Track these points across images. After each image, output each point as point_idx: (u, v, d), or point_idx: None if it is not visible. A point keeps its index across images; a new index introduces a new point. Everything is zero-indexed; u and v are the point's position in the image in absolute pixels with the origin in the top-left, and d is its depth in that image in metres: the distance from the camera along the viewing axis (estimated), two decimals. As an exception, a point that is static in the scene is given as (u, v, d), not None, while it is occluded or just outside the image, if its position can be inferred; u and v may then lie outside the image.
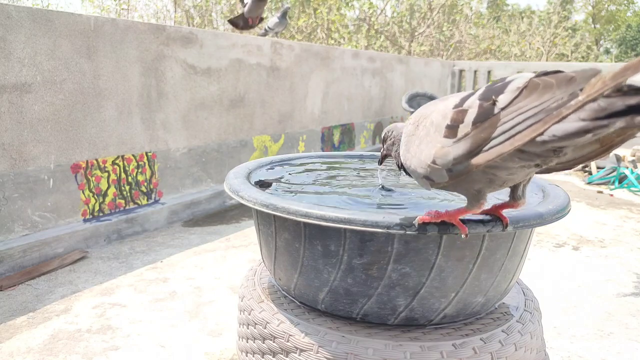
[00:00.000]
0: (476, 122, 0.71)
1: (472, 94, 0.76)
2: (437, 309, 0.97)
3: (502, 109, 0.68)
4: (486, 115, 0.70)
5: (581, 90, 0.61)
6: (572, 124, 0.60)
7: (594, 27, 20.47)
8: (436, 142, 0.77)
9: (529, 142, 0.64)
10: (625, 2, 20.25)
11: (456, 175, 0.75)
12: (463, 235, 0.85)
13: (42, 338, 1.62)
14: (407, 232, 0.85)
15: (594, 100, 0.59)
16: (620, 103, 0.57)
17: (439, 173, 0.77)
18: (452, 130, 0.74)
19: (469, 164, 0.72)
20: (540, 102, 0.64)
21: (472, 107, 0.73)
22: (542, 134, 0.63)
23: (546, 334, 1.66)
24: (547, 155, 0.67)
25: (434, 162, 0.77)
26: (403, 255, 0.91)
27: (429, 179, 0.81)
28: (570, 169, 0.73)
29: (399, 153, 1.24)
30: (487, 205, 0.86)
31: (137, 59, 2.64)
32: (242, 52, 3.38)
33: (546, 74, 0.69)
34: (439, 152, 0.76)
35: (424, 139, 0.81)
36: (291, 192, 1.18)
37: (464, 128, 0.73)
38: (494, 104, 0.69)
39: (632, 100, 0.57)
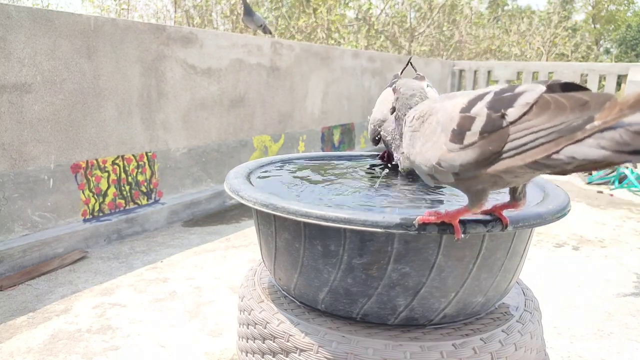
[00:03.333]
0: (483, 132, 0.71)
1: (480, 97, 0.75)
2: (437, 309, 0.97)
3: (511, 123, 0.68)
4: (494, 127, 0.70)
5: (596, 115, 0.61)
6: (592, 150, 0.60)
7: (594, 27, 20.47)
8: (442, 144, 0.77)
9: (544, 158, 0.64)
10: (625, 2, 20.25)
11: (462, 178, 0.76)
12: (456, 239, 0.85)
13: (42, 338, 1.62)
14: (407, 232, 0.85)
15: (611, 128, 0.59)
16: None
17: (444, 175, 0.78)
18: (458, 135, 0.74)
19: (476, 171, 0.72)
20: (552, 124, 0.64)
21: (480, 115, 0.72)
22: (557, 152, 0.63)
23: (546, 334, 1.66)
24: (560, 167, 0.67)
25: (439, 164, 0.77)
26: (403, 255, 0.91)
27: (434, 178, 0.81)
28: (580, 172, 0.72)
29: (399, 145, 1.25)
30: (488, 205, 0.86)
31: (137, 59, 2.64)
32: (242, 52, 3.38)
33: (551, 87, 0.69)
34: (445, 155, 0.76)
35: (430, 138, 0.81)
36: (291, 191, 1.18)
37: (471, 136, 0.72)
38: (503, 116, 0.69)
39: None
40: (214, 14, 10.44)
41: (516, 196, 0.85)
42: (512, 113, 0.69)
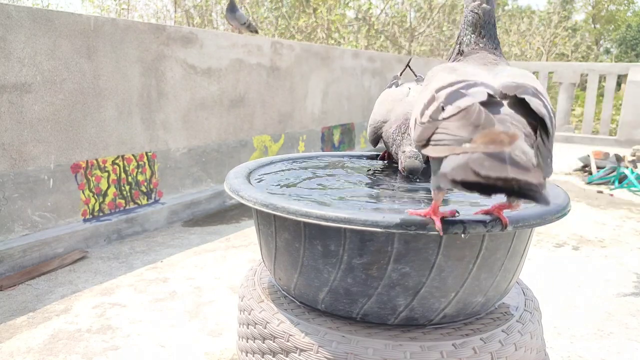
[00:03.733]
0: (430, 118, 0.74)
1: (456, 84, 0.76)
2: (437, 309, 0.97)
3: (444, 119, 0.71)
4: (435, 117, 0.73)
5: (473, 138, 0.63)
6: (447, 165, 0.63)
7: (594, 27, 20.47)
8: (417, 112, 0.80)
9: (443, 158, 0.67)
10: (625, 2, 20.25)
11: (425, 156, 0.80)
12: (438, 231, 0.83)
13: (42, 338, 1.62)
14: (407, 232, 0.85)
15: (457, 154, 0.62)
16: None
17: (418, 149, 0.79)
18: (422, 112, 0.77)
19: (420, 149, 0.75)
20: (457, 133, 0.68)
21: (438, 100, 0.75)
22: (446, 157, 0.66)
23: (546, 334, 1.66)
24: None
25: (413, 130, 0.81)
26: (403, 255, 0.91)
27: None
28: None
29: (399, 145, 1.25)
30: (488, 205, 0.87)
31: (137, 59, 2.64)
32: (242, 52, 3.38)
33: (487, 103, 0.72)
34: (413, 123, 0.80)
35: (418, 103, 0.84)
36: (291, 191, 1.18)
37: (425, 116, 0.75)
38: (442, 110, 0.73)
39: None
40: (214, 14, 10.44)
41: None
42: (447, 110, 0.72)
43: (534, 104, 0.72)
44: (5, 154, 2.11)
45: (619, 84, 10.76)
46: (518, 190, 0.58)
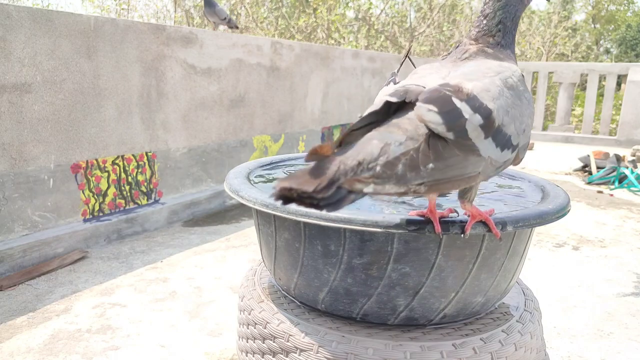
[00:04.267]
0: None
1: (391, 92, 0.77)
2: (437, 309, 0.97)
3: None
4: None
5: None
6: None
7: (594, 27, 20.46)
8: None
9: None
10: (625, 2, 20.24)
11: None
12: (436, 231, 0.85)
13: (42, 338, 1.62)
14: (407, 232, 0.85)
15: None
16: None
17: None
18: None
19: None
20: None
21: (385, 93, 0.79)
22: None
23: (546, 334, 1.66)
24: None
25: None
26: (403, 255, 0.91)
27: None
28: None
29: None
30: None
31: (137, 59, 2.64)
32: (242, 52, 3.38)
33: (370, 115, 0.74)
34: None
35: None
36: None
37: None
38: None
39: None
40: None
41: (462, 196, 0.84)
42: (367, 110, 0.78)
43: (421, 110, 0.70)
44: (5, 154, 2.11)
45: (619, 84, 10.76)
46: (298, 198, 0.59)
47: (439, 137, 0.68)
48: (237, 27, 4.04)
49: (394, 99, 0.74)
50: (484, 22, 0.90)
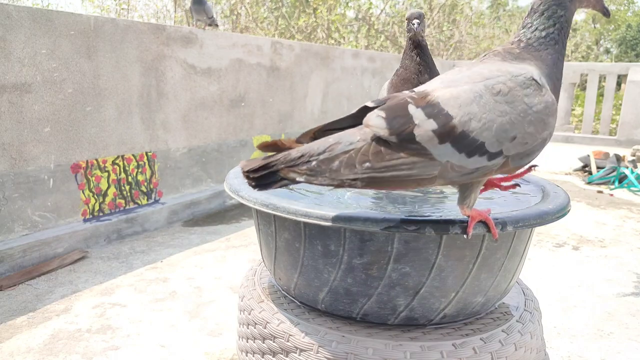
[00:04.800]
0: None
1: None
2: (437, 309, 0.97)
3: None
4: None
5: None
6: None
7: (594, 27, 20.46)
8: None
9: None
10: (625, 2, 20.24)
11: None
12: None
13: (42, 338, 1.62)
14: (407, 232, 0.85)
15: None
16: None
17: None
18: None
19: None
20: None
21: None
22: None
23: (546, 334, 1.66)
24: None
25: None
26: (403, 255, 0.91)
27: None
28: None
29: None
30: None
31: (137, 59, 2.64)
32: (242, 52, 3.38)
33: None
34: None
35: None
36: (291, 191, 1.18)
37: None
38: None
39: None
40: (213, 14, 10.43)
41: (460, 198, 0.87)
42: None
43: (370, 116, 0.79)
44: (5, 154, 2.11)
45: (619, 84, 10.75)
46: (244, 176, 0.77)
47: (384, 141, 0.76)
48: (217, 26, 3.89)
49: (371, 104, 0.82)
50: (527, 19, 0.89)
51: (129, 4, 9.70)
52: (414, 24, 1.27)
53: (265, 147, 0.79)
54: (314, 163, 0.74)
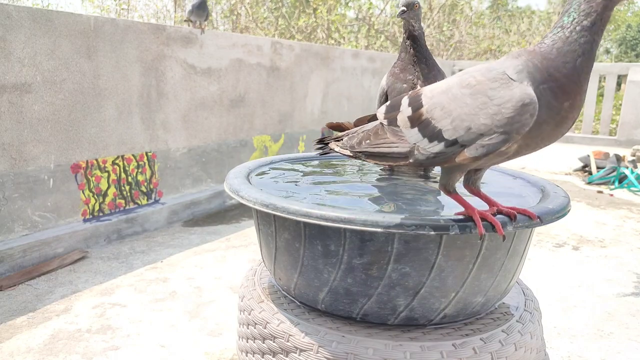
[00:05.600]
0: None
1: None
2: (437, 309, 0.97)
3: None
4: None
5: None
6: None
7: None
8: None
9: None
10: (625, 2, 20.22)
11: None
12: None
13: (42, 338, 1.62)
14: (407, 232, 0.85)
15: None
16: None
17: None
18: None
19: None
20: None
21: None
22: None
23: (546, 334, 1.66)
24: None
25: None
26: (403, 255, 0.91)
27: None
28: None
29: None
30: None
31: (137, 59, 2.64)
32: (242, 52, 3.38)
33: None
34: None
35: None
36: (291, 191, 1.18)
37: None
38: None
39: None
40: (214, 14, 10.43)
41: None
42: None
43: (381, 107, 0.98)
44: (5, 154, 2.11)
45: (619, 84, 10.75)
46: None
47: (384, 125, 0.93)
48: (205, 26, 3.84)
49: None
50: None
51: (129, 4, 9.70)
52: (399, 9, 1.30)
53: (332, 126, 1.18)
54: (345, 139, 0.99)
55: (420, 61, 1.33)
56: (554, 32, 0.82)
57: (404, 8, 1.29)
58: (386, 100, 1.39)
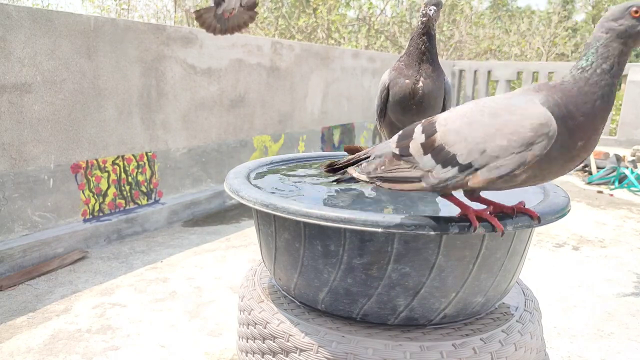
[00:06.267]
0: None
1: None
2: (437, 309, 0.97)
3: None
4: None
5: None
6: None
7: (594, 27, 20.45)
8: None
9: None
10: (625, 2, 20.20)
11: None
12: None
13: (42, 338, 1.62)
14: (407, 232, 0.85)
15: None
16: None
17: None
18: None
19: None
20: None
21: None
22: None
23: (546, 334, 1.66)
24: None
25: None
26: (403, 255, 0.91)
27: None
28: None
29: None
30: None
31: (137, 59, 2.64)
32: (242, 52, 3.37)
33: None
34: None
35: None
36: (291, 191, 1.18)
37: None
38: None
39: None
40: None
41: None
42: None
43: (394, 137, 0.98)
44: (5, 154, 2.11)
45: (619, 84, 10.76)
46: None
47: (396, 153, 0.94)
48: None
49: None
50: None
51: (129, 4, 9.70)
52: (430, 10, 1.31)
53: (349, 149, 1.15)
54: (363, 165, 0.99)
55: (427, 60, 1.34)
56: (575, 73, 0.83)
57: (435, 8, 1.32)
58: (387, 95, 1.39)
